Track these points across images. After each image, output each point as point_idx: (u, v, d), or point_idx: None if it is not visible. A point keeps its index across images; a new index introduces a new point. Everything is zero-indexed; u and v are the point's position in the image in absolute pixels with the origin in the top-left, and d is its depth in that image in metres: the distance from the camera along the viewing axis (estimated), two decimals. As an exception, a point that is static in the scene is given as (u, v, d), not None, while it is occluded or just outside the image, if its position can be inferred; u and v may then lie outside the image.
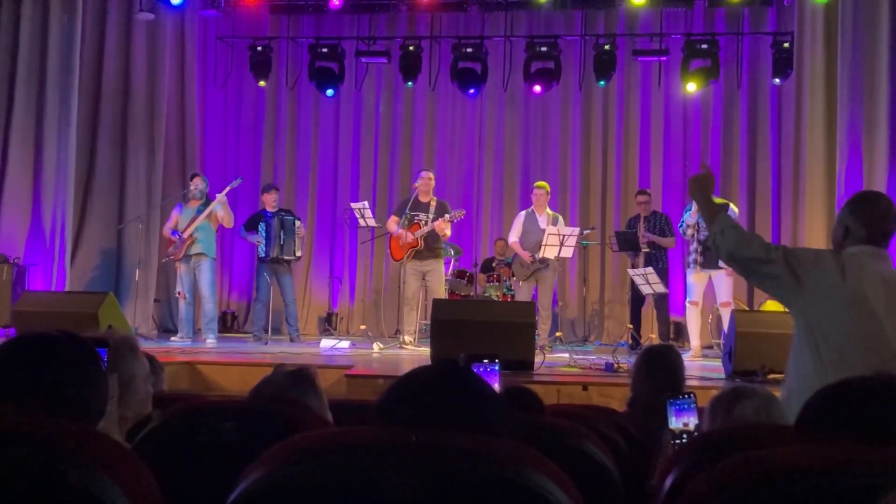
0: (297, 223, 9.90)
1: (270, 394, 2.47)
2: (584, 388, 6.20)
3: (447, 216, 9.09)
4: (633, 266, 9.60)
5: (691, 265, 8.86)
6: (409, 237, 9.13)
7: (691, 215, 8.73)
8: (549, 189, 9.75)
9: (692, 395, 3.05)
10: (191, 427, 2.22)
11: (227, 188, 9.62)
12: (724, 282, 8.68)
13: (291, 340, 9.85)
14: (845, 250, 3.21)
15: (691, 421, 2.98)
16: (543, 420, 2.49)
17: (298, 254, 9.93)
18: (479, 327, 6.92)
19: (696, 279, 8.84)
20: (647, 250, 9.62)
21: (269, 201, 9.95)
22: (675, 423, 3.01)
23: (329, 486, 1.41)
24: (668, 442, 2.99)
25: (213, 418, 2.19)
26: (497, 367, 3.08)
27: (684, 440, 2.83)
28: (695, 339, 8.97)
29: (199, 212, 9.34)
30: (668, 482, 2.08)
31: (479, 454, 1.41)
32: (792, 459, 1.44)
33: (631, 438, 3.31)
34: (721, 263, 8.51)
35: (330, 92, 11.54)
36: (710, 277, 8.78)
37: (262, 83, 11.65)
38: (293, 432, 1.68)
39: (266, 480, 1.45)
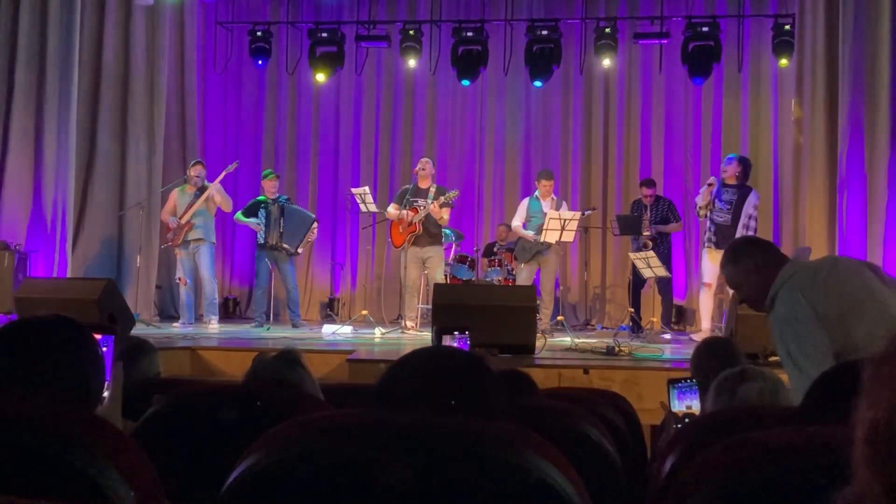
0: (315, 225, 9.88)
1: (268, 377, 2.49)
2: (586, 371, 6.21)
3: (441, 199, 9.08)
4: (636, 250, 9.57)
5: (706, 244, 8.73)
6: (410, 215, 9.12)
7: (703, 196, 8.63)
8: (552, 176, 9.75)
9: (694, 380, 3.06)
10: (191, 411, 2.23)
11: (223, 173, 9.61)
12: None
13: (293, 326, 9.85)
14: (780, 281, 3.12)
15: (694, 404, 2.99)
16: (541, 402, 2.49)
17: (300, 250, 9.90)
18: (481, 311, 6.90)
19: (710, 260, 8.58)
20: (654, 234, 9.57)
21: (269, 188, 9.92)
22: (678, 405, 3.02)
23: (327, 467, 1.41)
24: (669, 425, 3.00)
25: (212, 402, 2.20)
26: (467, 340, 3.12)
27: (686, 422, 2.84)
28: (706, 322, 8.82)
29: (197, 197, 9.34)
30: (668, 464, 2.08)
31: (479, 436, 1.41)
32: (784, 441, 1.44)
33: (632, 420, 3.32)
34: None
35: (321, 77, 11.50)
36: None
37: (260, 62, 11.66)
38: (291, 415, 1.68)
39: (264, 462, 1.45)
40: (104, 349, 1.88)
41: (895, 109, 8.55)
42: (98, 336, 1.91)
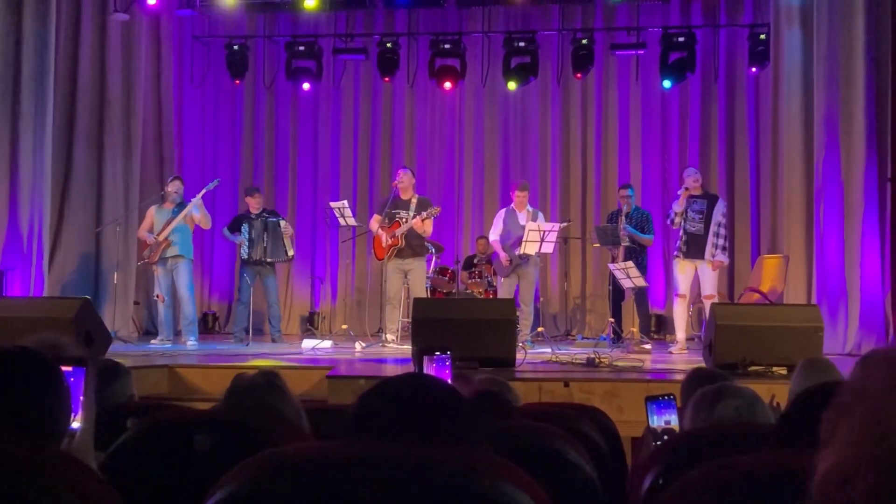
0: (283, 223, 9.83)
1: (247, 400, 2.44)
2: (566, 384, 6.20)
3: (423, 214, 9.07)
4: (613, 260, 9.57)
5: (676, 254, 8.76)
6: (390, 240, 9.11)
7: (679, 203, 8.67)
8: (529, 188, 9.75)
9: (672, 396, 3.05)
10: (164, 438, 2.20)
11: (204, 190, 9.55)
12: (708, 274, 8.60)
13: (273, 341, 9.80)
14: None
15: (672, 419, 2.98)
16: (517, 423, 2.48)
17: (291, 253, 9.88)
18: (461, 325, 6.90)
19: (681, 270, 8.67)
20: (628, 244, 9.56)
21: (253, 204, 9.90)
22: (656, 421, 3.00)
23: (299, 502, 1.39)
24: (648, 441, 2.99)
25: (187, 429, 2.16)
26: (448, 360, 3.11)
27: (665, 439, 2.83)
28: (681, 332, 8.88)
29: (175, 214, 9.27)
30: (647, 482, 2.07)
31: (452, 467, 1.40)
32: (762, 465, 1.43)
33: (612, 437, 3.31)
34: (706, 255, 8.49)
35: (306, 85, 11.57)
36: (695, 269, 8.68)
37: (237, 81, 11.66)
38: (268, 444, 1.65)
39: (237, 495, 1.42)
40: (72, 380, 1.84)
41: (870, 117, 8.62)
42: (69, 368, 1.87)
